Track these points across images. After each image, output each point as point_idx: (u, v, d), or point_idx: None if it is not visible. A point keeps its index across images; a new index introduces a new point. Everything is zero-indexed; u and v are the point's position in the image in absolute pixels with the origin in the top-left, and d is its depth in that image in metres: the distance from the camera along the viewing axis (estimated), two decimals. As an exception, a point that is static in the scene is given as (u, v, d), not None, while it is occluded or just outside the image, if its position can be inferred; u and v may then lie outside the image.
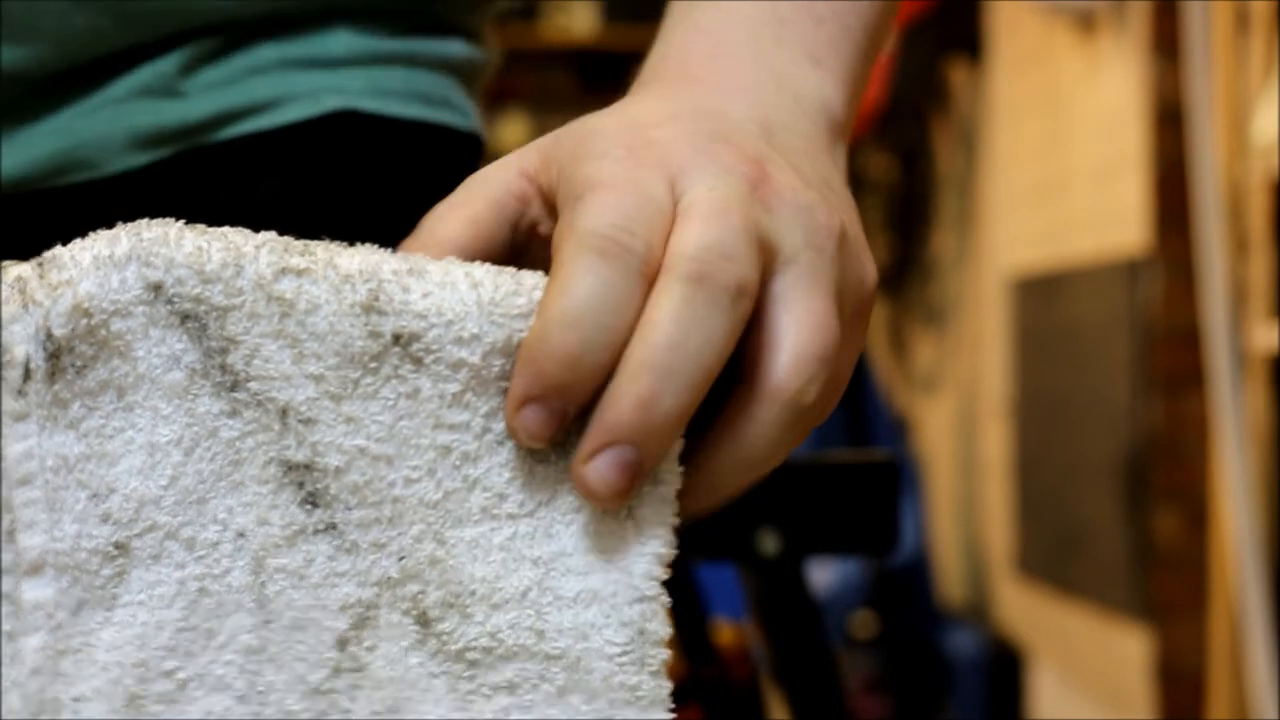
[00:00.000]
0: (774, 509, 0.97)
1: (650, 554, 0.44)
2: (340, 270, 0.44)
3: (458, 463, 0.44)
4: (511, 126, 4.44)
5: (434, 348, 0.44)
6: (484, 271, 0.44)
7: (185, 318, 0.44)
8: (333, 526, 0.45)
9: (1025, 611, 3.43)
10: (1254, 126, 2.32)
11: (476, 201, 0.49)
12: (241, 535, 0.45)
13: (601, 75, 4.42)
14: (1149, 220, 2.69)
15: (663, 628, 0.44)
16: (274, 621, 0.45)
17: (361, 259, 0.44)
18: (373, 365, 0.44)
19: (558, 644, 0.44)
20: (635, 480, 0.43)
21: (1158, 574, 2.68)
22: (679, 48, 0.54)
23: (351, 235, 0.46)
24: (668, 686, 0.44)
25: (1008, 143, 3.49)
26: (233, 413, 0.44)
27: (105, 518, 0.44)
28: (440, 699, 0.45)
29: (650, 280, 0.43)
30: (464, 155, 0.67)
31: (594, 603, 0.44)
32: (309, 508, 0.45)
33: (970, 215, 3.75)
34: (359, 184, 0.63)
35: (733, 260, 0.43)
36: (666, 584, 0.45)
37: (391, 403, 0.44)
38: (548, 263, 0.45)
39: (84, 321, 0.44)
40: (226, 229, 0.45)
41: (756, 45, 0.54)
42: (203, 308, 0.44)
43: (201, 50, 0.60)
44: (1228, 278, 2.38)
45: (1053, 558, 3.24)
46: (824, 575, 3.26)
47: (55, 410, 0.44)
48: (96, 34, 0.58)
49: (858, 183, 3.90)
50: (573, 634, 0.44)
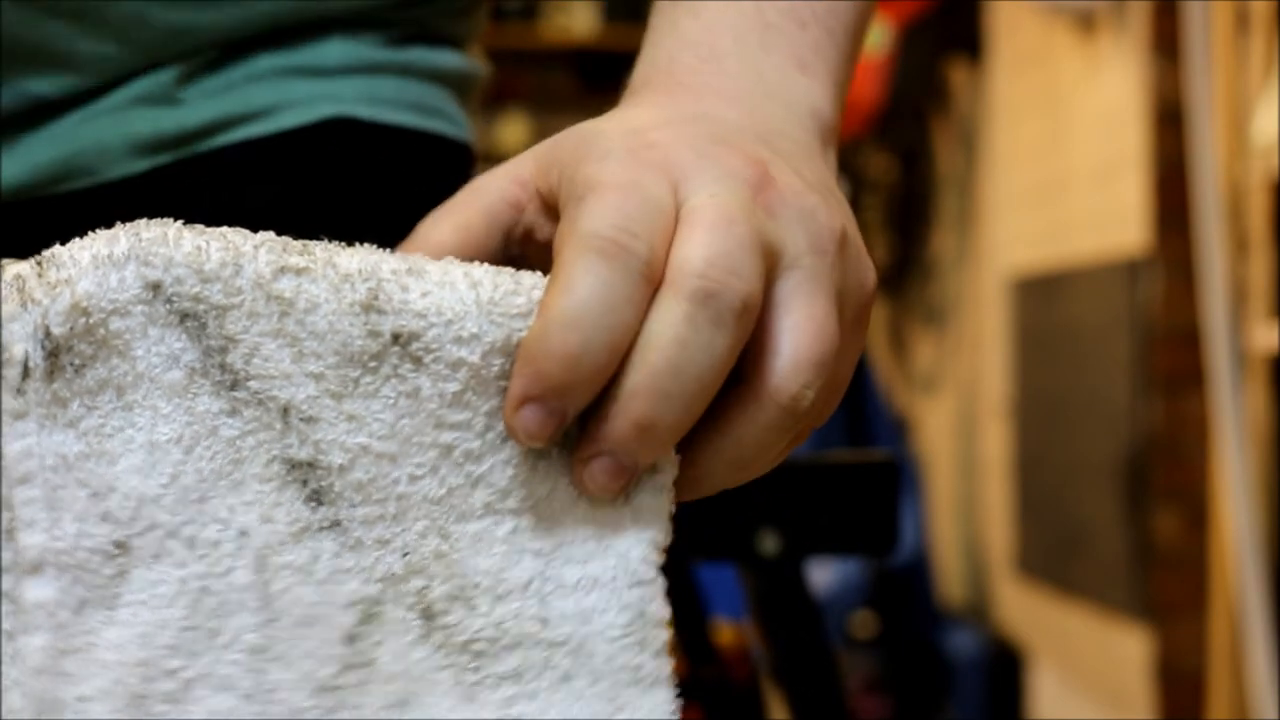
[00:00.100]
0: (774, 509, 0.97)
1: (648, 540, 0.45)
2: (339, 269, 0.44)
3: (460, 460, 0.45)
4: (511, 126, 4.43)
5: (433, 347, 0.44)
6: (483, 271, 0.44)
7: (184, 317, 0.44)
8: (337, 523, 0.45)
9: (1025, 611, 3.43)
10: (1254, 126, 2.32)
11: (469, 209, 0.49)
12: (243, 534, 0.45)
13: (601, 75, 4.42)
14: (1149, 220, 2.69)
15: (662, 609, 0.45)
16: (279, 620, 0.45)
17: (360, 258, 0.44)
18: (372, 364, 0.44)
19: (561, 630, 0.45)
20: (629, 482, 0.44)
21: (1158, 574, 2.68)
22: (667, 56, 0.54)
23: (347, 240, 0.46)
24: (670, 665, 0.45)
25: (1008, 143, 3.49)
26: (233, 411, 0.44)
27: (105, 516, 0.44)
28: (448, 691, 0.45)
29: (652, 282, 0.43)
30: (457, 165, 0.67)
31: (595, 589, 0.45)
32: (314, 504, 0.45)
33: (970, 215, 3.75)
34: (354, 190, 0.63)
35: (738, 275, 0.43)
36: (666, 584, 0.46)
37: (392, 401, 0.44)
38: (544, 267, 0.45)
39: (82, 320, 0.44)
40: (225, 229, 0.45)
41: (743, 52, 0.54)
42: (201, 307, 0.44)
43: (199, 60, 0.60)
44: (1228, 278, 2.38)
45: (1053, 558, 3.24)
46: (824, 575, 3.26)
47: (54, 409, 0.44)
48: (103, 59, 0.59)
49: (858, 183, 3.90)
50: (575, 620, 0.45)
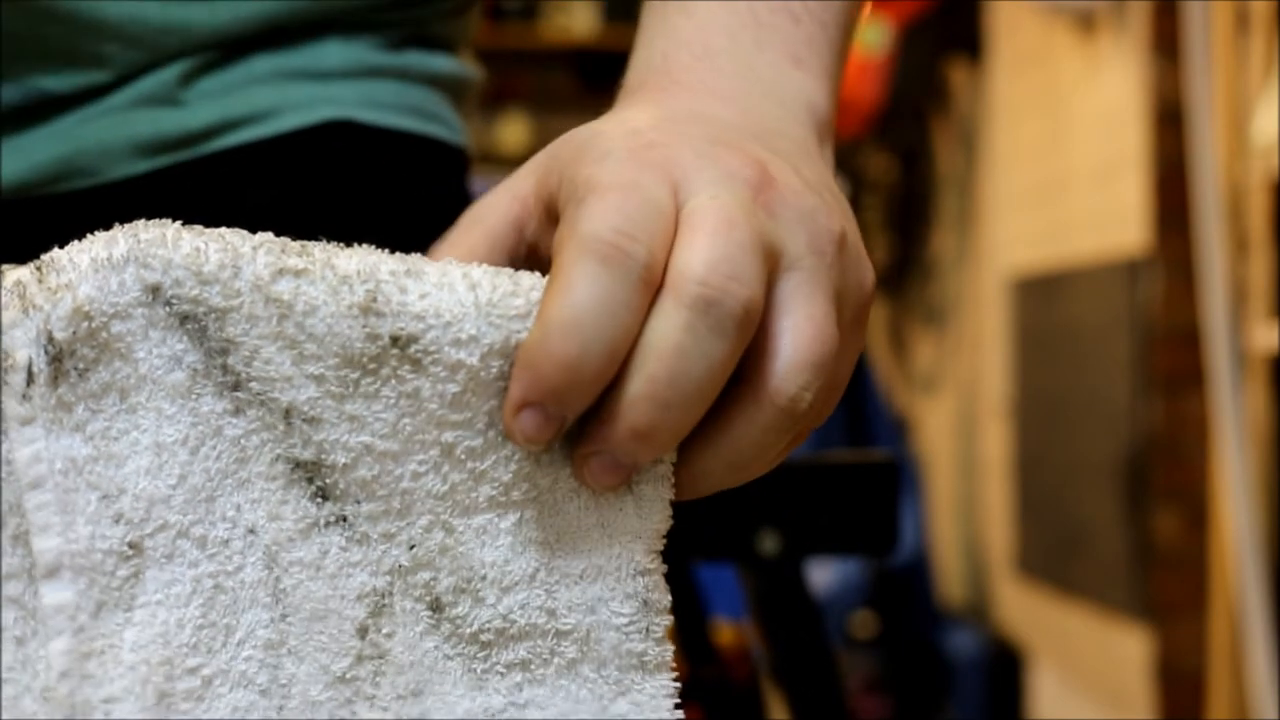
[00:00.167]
0: (774, 509, 0.97)
1: (650, 528, 0.45)
2: (338, 271, 0.44)
3: (463, 457, 0.45)
4: (511, 126, 4.43)
5: (432, 349, 0.44)
6: (481, 272, 0.44)
7: (184, 319, 0.44)
8: (343, 519, 0.45)
9: (1025, 611, 3.43)
10: (1254, 126, 2.32)
11: (471, 236, 0.49)
12: (251, 531, 0.45)
13: (601, 75, 4.42)
14: (1149, 220, 2.69)
15: (664, 597, 0.46)
16: (292, 614, 0.45)
17: (359, 260, 0.44)
18: (372, 366, 0.44)
19: (568, 620, 0.45)
20: (629, 478, 0.44)
21: (1158, 574, 2.68)
22: (661, 55, 0.54)
23: (346, 244, 0.46)
24: (670, 650, 0.46)
25: (1008, 143, 3.49)
26: (236, 411, 0.45)
27: (117, 518, 0.45)
28: (458, 680, 0.46)
29: (652, 286, 0.43)
30: (453, 169, 0.67)
31: (599, 578, 0.45)
32: (319, 501, 0.45)
33: (970, 215, 3.75)
34: (354, 193, 0.63)
35: (739, 281, 0.43)
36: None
37: (393, 401, 0.44)
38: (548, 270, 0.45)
39: (84, 324, 0.44)
40: (224, 230, 0.45)
41: (737, 50, 0.53)
42: (201, 309, 0.44)
43: (200, 61, 0.60)
44: (1228, 278, 2.38)
45: (1053, 558, 3.24)
46: (824, 575, 3.26)
47: (60, 413, 0.44)
48: (105, 57, 0.59)
49: (858, 183, 3.90)
50: (582, 609, 0.45)
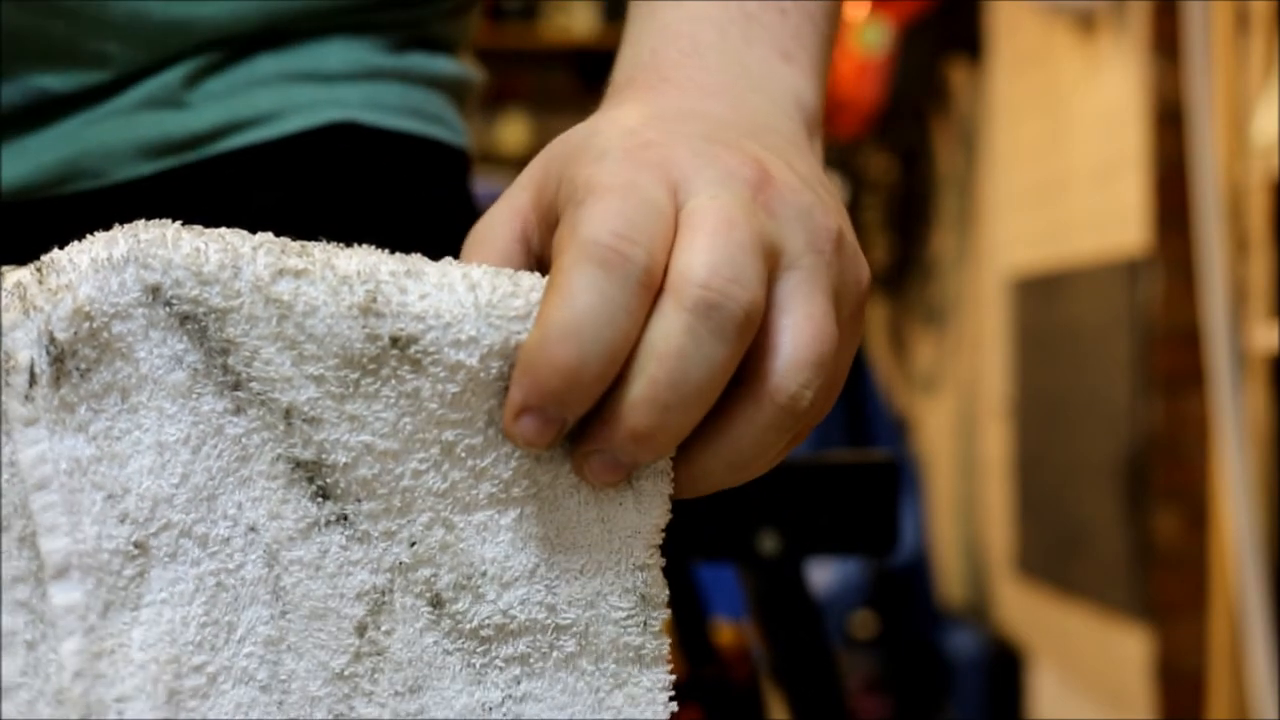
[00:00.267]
0: (774, 509, 0.97)
1: (650, 524, 0.46)
2: (338, 271, 0.44)
3: (463, 455, 0.45)
4: (511, 126, 4.43)
5: (431, 350, 0.44)
6: (481, 273, 0.44)
7: (185, 319, 0.44)
8: (344, 518, 0.45)
9: (1025, 611, 3.43)
10: (1254, 126, 2.32)
11: (481, 258, 0.48)
12: (252, 529, 0.45)
13: (601, 75, 4.36)
14: (1149, 220, 2.69)
15: (662, 591, 0.46)
16: (292, 612, 0.45)
17: (359, 260, 0.44)
18: (372, 367, 0.44)
19: (567, 615, 0.46)
20: (628, 475, 0.45)
21: (1158, 574, 2.68)
22: (649, 51, 0.54)
23: (349, 244, 0.46)
24: (667, 643, 0.46)
25: (1008, 143, 3.49)
26: (237, 410, 0.45)
27: (123, 518, 0.45)
28: (456, 675, 0.46)
29: (651, 289, 0.43)
30: (455, 170, 0.67)
31: (599, 573, 0.46)
32: (320, 500, 0.45)
33: (970, 215, 3.75)
34: (357, 195, 0.63)
35: (740, 284, 0.42)
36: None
37: (393, 401, 0.44)
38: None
39: (85, 325, 0.44)
40: (224, 230, 0.45)
41: (726, 45, 0.53)
42: (201, 309, 0.44)
43: (203, 63, 0.60)
44: (1228, 278, 2.38)
45: (1053, 558, 3.24)
46: (824, 575, 3.26)
47: (63, 414, 0.45)
48: (108, 56, 0.59)
49: (858, 183, 3.90)
50: (581, 604, 0.46)
